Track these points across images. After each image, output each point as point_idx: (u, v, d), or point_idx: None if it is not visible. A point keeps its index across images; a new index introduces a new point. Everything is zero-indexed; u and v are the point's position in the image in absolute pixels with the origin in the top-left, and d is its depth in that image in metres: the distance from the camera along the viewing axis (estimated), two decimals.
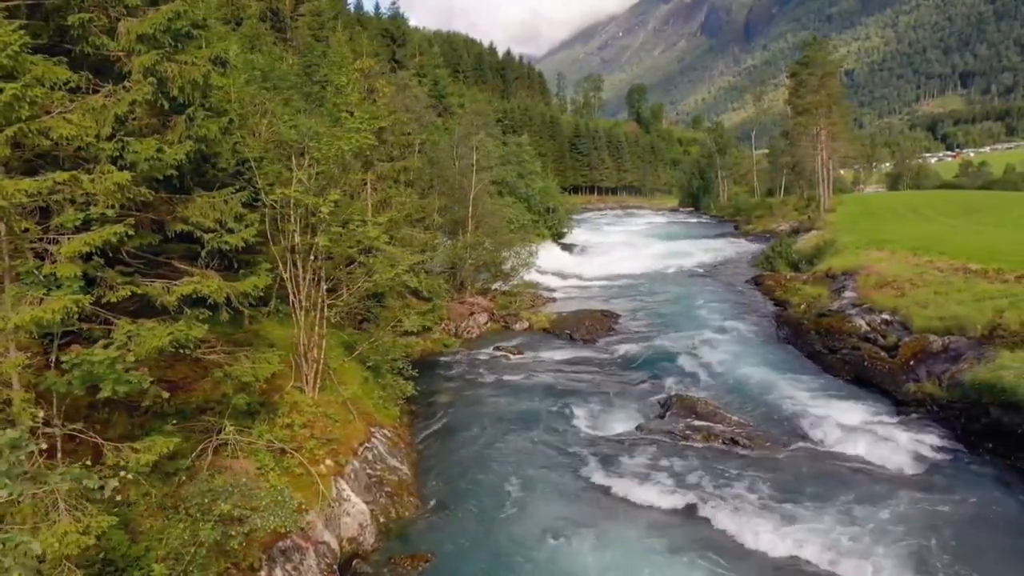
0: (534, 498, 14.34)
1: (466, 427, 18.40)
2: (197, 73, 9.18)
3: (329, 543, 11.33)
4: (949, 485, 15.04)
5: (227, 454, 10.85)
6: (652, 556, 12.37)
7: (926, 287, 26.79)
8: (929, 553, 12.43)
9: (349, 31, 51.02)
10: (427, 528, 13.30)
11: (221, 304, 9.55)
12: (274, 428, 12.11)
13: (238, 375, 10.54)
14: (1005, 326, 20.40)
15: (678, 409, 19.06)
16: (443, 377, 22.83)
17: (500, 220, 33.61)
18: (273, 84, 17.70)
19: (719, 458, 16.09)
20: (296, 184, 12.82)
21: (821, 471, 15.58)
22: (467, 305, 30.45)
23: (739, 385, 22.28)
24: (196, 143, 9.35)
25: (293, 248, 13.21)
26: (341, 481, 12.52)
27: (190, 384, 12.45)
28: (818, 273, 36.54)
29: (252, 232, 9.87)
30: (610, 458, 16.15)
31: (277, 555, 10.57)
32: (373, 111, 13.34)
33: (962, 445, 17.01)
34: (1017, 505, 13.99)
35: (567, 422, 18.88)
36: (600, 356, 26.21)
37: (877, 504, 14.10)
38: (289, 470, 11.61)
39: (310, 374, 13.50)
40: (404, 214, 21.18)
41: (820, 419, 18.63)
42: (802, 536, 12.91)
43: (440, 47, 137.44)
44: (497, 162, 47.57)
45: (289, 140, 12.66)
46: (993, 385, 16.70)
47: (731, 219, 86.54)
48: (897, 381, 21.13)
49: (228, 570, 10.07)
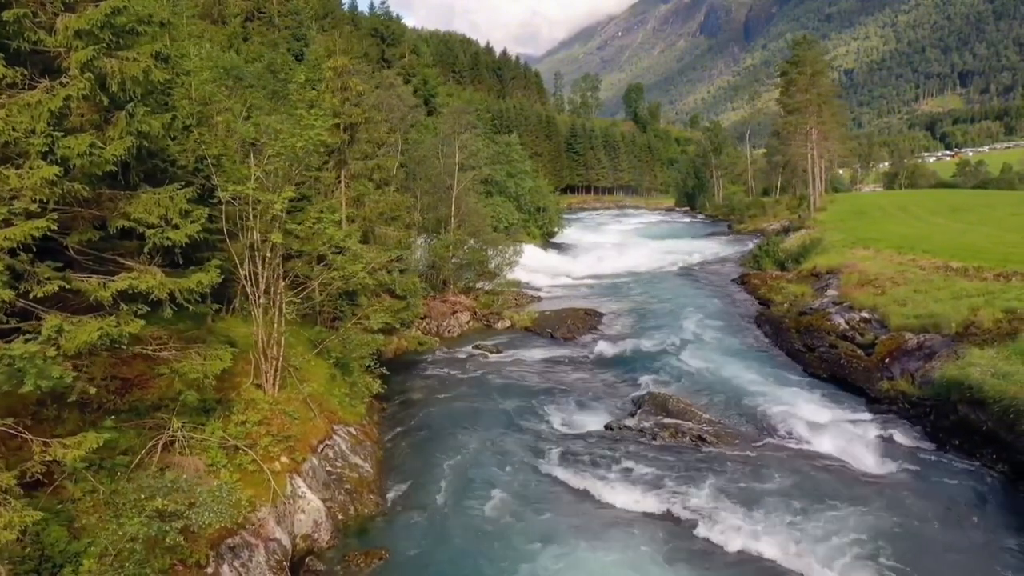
0: (497, 496, 14.31)
1: (436, 425, 18.38)
2: (137, 69, 9.16)
3: (281, 540, 11.31)
4: (914, 482, 15.04)
5: (176, 451, 10.83)
6: (610, 555, 12.34)
7: (906, 285, 26.80)
8: (890, 550, 12.40)
9: (339, 30, 51.04)
10: (386, 525, 13.29)
11: (164, 300, 9.53)
12: (228, 425, 12.10)
13: (185, 372, 10.52)
14: (979, 324, 20.41)
15: (649, 407, 19.04)
16: (418, 375, 22.82)
17: (483, 219, 33.59)
18: (234, 81, 17.67)
19: (685, 455, 16.07)
20: (254, 181, 12.81)
21: (787, 468, 15.55)
22: (449, 304, 30.44)
23: (715, 383, 22.26)
24: (137, 139, 9.33)
25: (252, 245, 13.20)
26: (297, 478, 12.50)
27: (146, 381, 12.44)
28: (803, 272, 36.50)
29: (197, 228, 9.85)
30: (576, 456, 16.13)
31: (225, 552, 10.55)
32: (329, 107, 13.27)
33: (931, 442, 17.01)
34: (978, 501, 13.98)
35: (538, 420, 18.87)
36: (579, 355, 26.19)
37: (841, 501, 14.08)
38: (242, 467, 11.59)
39: (270, 371, 13.49)
40: (377, 212, 21.17)
41: (792, 417, 18.61)
42: (762, 533, 12.89)
43: (436, 47, 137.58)
44: (486, 161, 47.62)
45: (246, 137, 12.65)
46: (961, 382, 16.70)
47: (725, 218, 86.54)
48: (872, 379, 21.13)
49: (174, 567, 10.05)
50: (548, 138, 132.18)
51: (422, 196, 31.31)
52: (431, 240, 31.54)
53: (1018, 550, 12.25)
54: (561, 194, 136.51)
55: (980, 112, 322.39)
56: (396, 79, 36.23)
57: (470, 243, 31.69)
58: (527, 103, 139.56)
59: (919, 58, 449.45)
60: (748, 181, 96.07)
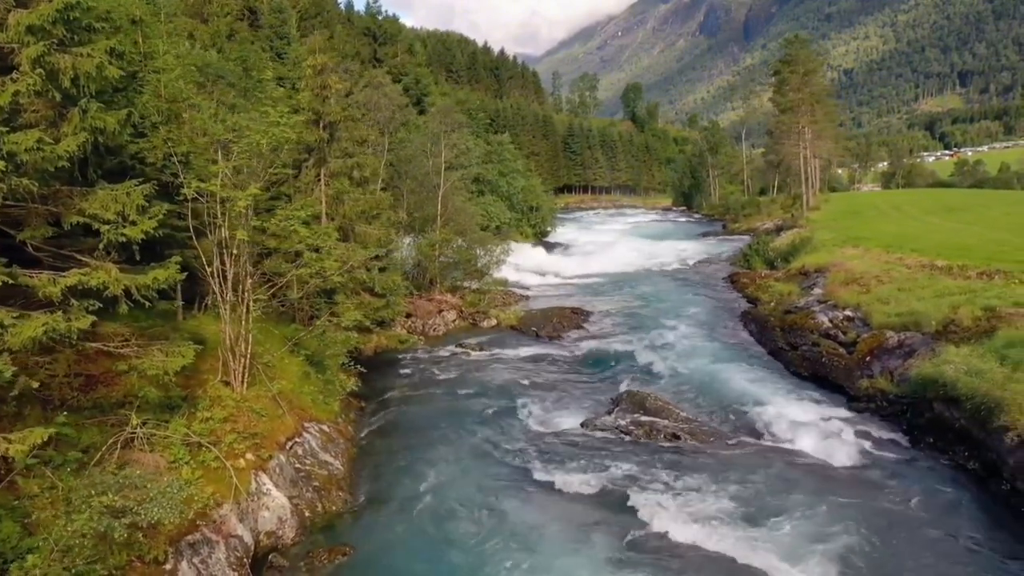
0: (467, 493, 14.31)
1: (413, 423, 18.38)
2: (90, 65, 9.15)
3: (242, 537, 11.30)
4: (886, 480, 15.02)
5: (136, 447, 10.83)
6: (574, 552, 12.31)
7: (891, 283, 26.75)
8: (856, 548, 12.37)
9: (331, 29, 51.03)
10: (354, 522, 13.28)
11: (120, 296, 9.52)
12: (193, 423, 12.10)
13: (144, 368, 10.52)
14: (958, 322, 20.38)
15: (627, 405, 19.03)
16: (399, 373, 22.81)
17: (471, 218, 33.57)
18: (213, 79, 17.69)
19: (658, 453, 16.05)
20: (222, 178, 12.81)
21: (759, 466, 15.53)
22: (435, 302, 30.43)
23: (697, 381, 22.25)
24: (92, 135, 9.33)
25: (221, 243, 13.20)
26: (263, 475, 12.49)
27: (112, 379, 12.43)
28: (792, 271, 36.46)
29: (153, 224, 9.84)
30: (550, 454, 16.12)
31: (185, 548, 10.54)
32: (296, 104, 13.26)
33: (907, 440, 17.01)
34: (948, 499, 13.96)
35: (516, 418, 18.86)
36: (563, 353, 26.18)
37: (810, 499, 14.04)
38: (205, 464, 11.58)
39: (238, 369, 13.48)
40: (357, 211, 21.14)
41: (769, 415, 18.59)
42: (728, 530, 12.85)
43: (433, 47, 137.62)
44: (478, 160, 47.60)
45: (215, 135, 12.65)
46: (935, 380, 16.66)
47: (721, 218, 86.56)
48: (852, 377, 21.11)
49: (132, 563, 10.05)
50: (545, 137, 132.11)
51: (408, 195, 31.29)
52: (418, 239, 31.53)
53: (984, 548, 12.23)
54: (558, 194, 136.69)
55: (979, 112, 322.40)
56: (385, 78, 36.23)
57: (457, 242, 31.66)
58: (524, 103, 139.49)
59: (919, 58, 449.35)
60: (744, 180, 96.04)
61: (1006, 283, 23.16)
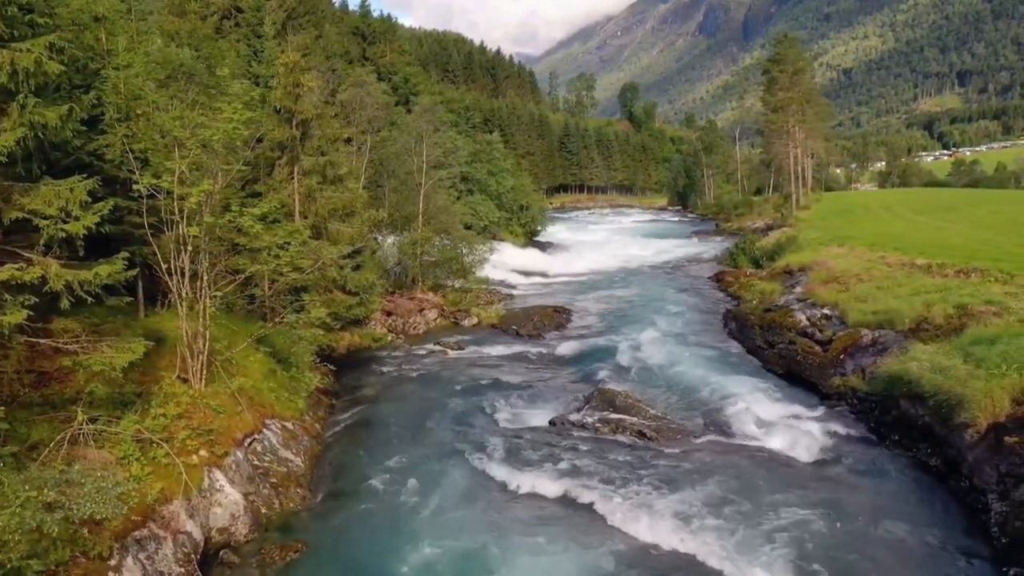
0: (427, 490, 14.29)
1: (382, 421, 18.37)
2: (28, 60, 9.15)
3: (191, 533, 11.28)
4: (849, 477, 15.00)
5: (82, 443, 10.81)
6: (536, 553, 12.27)
7: (871, 282, 26.74)
8: (812, 544, 12.33)
9: (320, 28, 51.01)
10: (310, 519, 13.27)
11: (61, 292, 9.52)
12: (146, 419, 12.08)
13: (89, 364, 10.51)
14: (931, 319, 20.38)
15: (597, 402, 19.00)
16: (374, 371, 22.80)
17: (453, 216, 33.55)
18: (186, 77, 17.71)
19: (622, 450, 16.03)
20: (179, 174, 12.81)
21: (723, 463, 15.50)
22: (417, 301, 30.42)
23: (672, 379, 22.25)
24: (31, 130, 9.32)
25: (179, 239, 13.19)
26: (217, 472, 12.48)
27: (66, 375, 12.43)
28: (776, 269, 36.47)
29: (95, 219, 9.83)
30: (514, 452, 16.08)
31: (131, 544, 10.52)
32: (247, 100, 13.26)
33: (874, 437, 16.98)
34: (909, 497, 13.93)
35: (485, 416, 18.84)
36: (541, 351, 26.16)
37: (773, 497, 13.99)
38: (156, 460, 11.57)
39: (196, 365, 13.47)
40: (329, 208, 21.12)
41: (740, 412, 18.53)
42: (684, 527, 12.81)
43: (430, 46, 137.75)
44: (466, 159, 47.57)
45: (169, 131, 12.64)
46: (901, 377, 16.66)
47: (715, 217, 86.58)
48: (825, 375, 21.11)
49: (76, 559, 10.04)
50: (541, 137, 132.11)
51: (391, 193, 31.27)
52: (402, 238, 31.51)
53: (937, 544, 12.21)
54: (554, 193, 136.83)
55: (978, 111, 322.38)
56: (370, 77, 36.22)
57: (439, 241, 31.63)
58: (520, 102, 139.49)
59: (917, 58, 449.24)
60: (739, 180, 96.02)
61: (982, 281, 23.18)
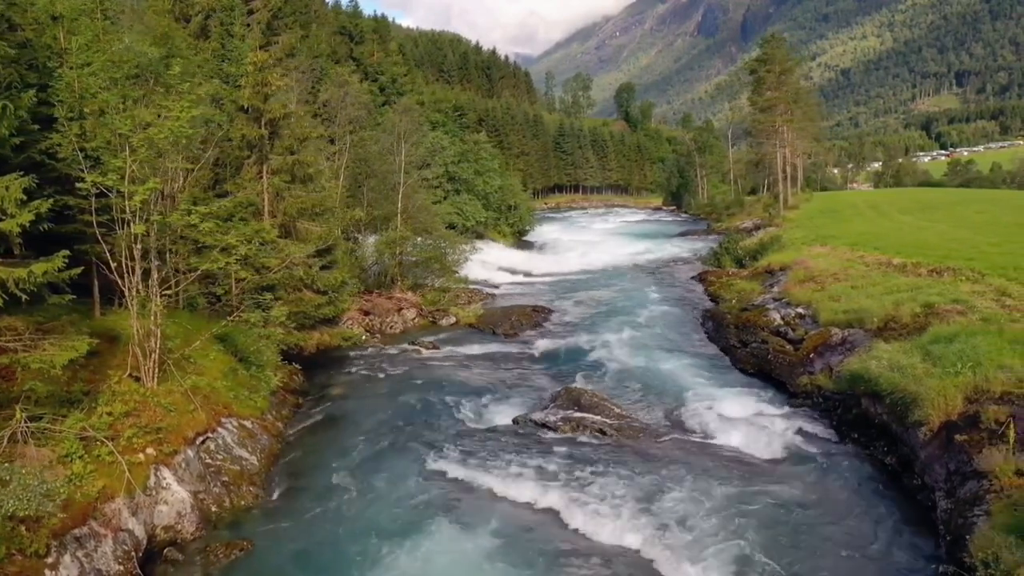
0: (381, 488, 14.30)
1: (346, 420, 18.36)
2: None
3: (133, 531, 11.28)
4: (807, 475, 14.97)
5: (21, 442, 10.81)
6: (480, 549, 12.26)
7: (847, 281, 26.77)
8: (762, 543, 12.30)
9: (306, 29, 51.03)
10: (260, 518, 13.26)
11: None
12: (92, 417, 12.08)
13: (28, 362, 10.52)
14: (898, 318, 20.40)
15: (562, 401, 19.02)
16: (344, 371, 22.78)
17: (433, 216, 33.54)
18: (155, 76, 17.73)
19: (582, 449, 16.00)
20: (129, 172, 12.81)
21: (682, 461, 15.48)
22: (395, 300, 30.42)
23: (642, 378, 22.26)
24: None
25: (128, 237, 13.19)
26: (164, 469, 12.47)
27: (12, 374, 12.42)
28: (758, 269, 36.49)
29: (30, 217, 9.85)
30: (475, 451, 16.06)
31: (70, 542, 10.52)
32: (194, 98, 13.24)
33: (835, 435, 17.00)
34: (862, 494, 13.93)
35: (450, 415, 18.82)
36: (516, 351, 26.16)
37: (729, 494, 13.97)
38: (99, 458, 11.57)
39: (148, 363, 13.48)
40: (298, 207, 21.14)
41: (705, 411, 18.58)
42: (635, 525, 12.80)
43: (425, 46, 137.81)
44: (453, 159, 47.57)
45: (119, 129, 12.64)
46: (862, 375, 16.67)
47: (708, 217, 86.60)
48: (795, 374, 21.13)
49: (12, 556, 10.04)
50: (536, 137, 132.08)
51: (369, 193, 31.28)
52: (373, 237, 31.51)
53: (884, 542, 12.23)
54: (548, 193, 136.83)
55: (976, 112, 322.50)
56: (352, 77, 36.21)
57: (418, 240, 31.64)
58: (515, 102, 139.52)
59: (915, 58, 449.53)
60: (733, 180, 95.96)
61: (953, 280, 23.21)
